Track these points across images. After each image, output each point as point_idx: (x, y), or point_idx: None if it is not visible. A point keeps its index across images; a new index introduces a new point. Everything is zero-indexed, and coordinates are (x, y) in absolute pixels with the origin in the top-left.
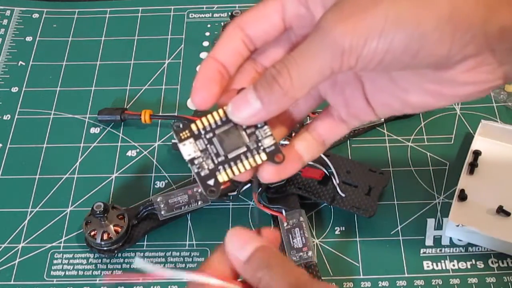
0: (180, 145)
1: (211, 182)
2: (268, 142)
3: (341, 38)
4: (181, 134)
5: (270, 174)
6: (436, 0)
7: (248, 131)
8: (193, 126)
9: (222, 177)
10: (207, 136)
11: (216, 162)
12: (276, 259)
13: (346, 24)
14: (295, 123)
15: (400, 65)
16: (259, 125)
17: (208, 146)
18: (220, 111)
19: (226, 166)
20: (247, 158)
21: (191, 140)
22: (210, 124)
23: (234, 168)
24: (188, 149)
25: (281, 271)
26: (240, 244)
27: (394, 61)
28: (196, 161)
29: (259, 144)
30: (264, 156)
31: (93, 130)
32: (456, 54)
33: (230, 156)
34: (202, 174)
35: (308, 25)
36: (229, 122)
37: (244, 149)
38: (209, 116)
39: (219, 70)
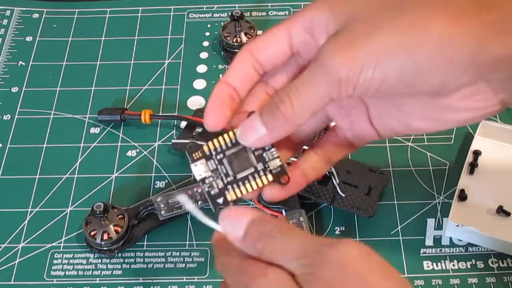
0: (192, 166)
1: (220, 200)
2: (274, 164)
3: (338, 69)
4: (194, 155)
5: (274, 193)
6: (426, 32)
7: (256, 153)
8: (205, 148)
9: (230, 196)
10: (218, 157)
11: (225, 181)
12: (274, 227)
13: (343, 55)
14: (303, 143)
15: (397, 92)
16: (266, 148)
17: (219, 166)
18: (231, 133)
19: (235, 186)
20: (254, 178)
21: (203, 160)
22: (221, 146)
23: (242, 188)
24: (200, 170)
25: (281, 238)
26: (233, 222)
27: (391, 89)
28: (207, 181)
29: (266, 166)
30: (270, 177)
31: (93, 130)
32: (450, 84)
33: (239, 176)
34: (212, 192)
35: (313, 51)
36: (238, 144)
37: (252, 170)
38: (220, 138)
39: (230, 94)
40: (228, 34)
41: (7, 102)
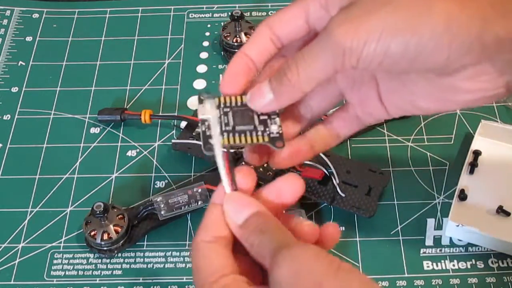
0: (200, 106)
1: (213, 142)
2: (274, 128)
3: (342, 39)
4: (202, 97)
5: (282, 159)
6: (432, 10)
7: (261, 117)
8: (216, 100)
9: (224, 142)
10: (225, 110)
11: (223, 129)
12: (270, 226)
13: (348, 27)
14: (316, 118)
15: (401, 68)
16: (272, 116)
17: (222, 116)
18: (243, 96)
19: (230, 134)
20: (251, 135)
21: (211, 104)
22: (231, 102)
23: (237, 138)
24: (204, 110)
25: (269, 237)
26: (237, 207)
27: (394, 64)
28: (206, 122)
29: (266, 129)
30: (266, 138)
31: (93, 130)
32: (454, 62)
33: (237, 129)
34: (207, 133)
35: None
36: (247, 106)
37: (251, 127)
38: (233, 97)
39: (247, 64)
40: (228, 34)
41: (7, 102)
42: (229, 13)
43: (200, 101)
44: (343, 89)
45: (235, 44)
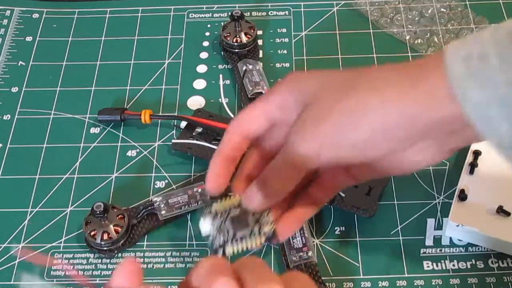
0: (201, 222)
1: (220, 253)
2: (267, 229)
3: (302, 151)
4: (205, 211)
5: (281, 239)
6: (368, 112)
7: (256, 216)
8: (213, 208)
9: (228, 251)
10: (222, 218)
11: (226, 239)
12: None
13: (305, 140)
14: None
15: (355, 161)
16: (264, 212)
17: (222, 224)
18: (234, 198)
19: (234, 243)
20: (250, 239)
21: (210, 219)
22: (225, 209)
23: (239, 245)
24: (206, 226)
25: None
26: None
27: (347, 160)
28: (210, 237)
29: (260, 230)
30: (263, 239)
31: (93, 130)
32: (397, 148)
33: (238, 236)
34: (214, 246)
35: (288, 120)
36: (241, 207)
37: (249, 231)
38: (226, 202)
39: (225, 163)
40: (228, 34)
41: (7, 102)
42: (229, 13)
43: (203, 216)
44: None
45: (235, 44)
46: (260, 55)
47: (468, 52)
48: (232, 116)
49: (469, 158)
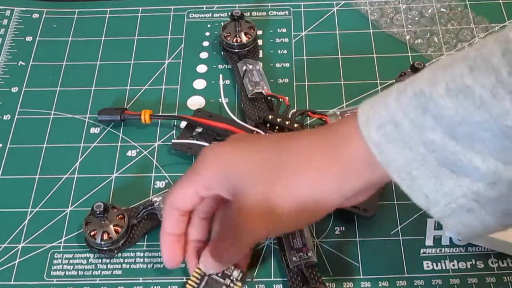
0: None
1: None
2: (236, 274)
3: (251, 232)
4: None
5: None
6: (300, 190)
7: (220, 273)
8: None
9: None
10: (202, 284)
11: None
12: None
13: (256, 228)
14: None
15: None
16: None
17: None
18: (197, 270)
19: None
20: None
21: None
22: (195, 282)
23: None
24: None
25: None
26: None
27: (292, 229)
28: None
29: (232, 279)
30: (239, 284)
31: (93, 130)
32: (329, 210)
33: None
34: None
35: (217, 194)
36: (205, 275)
37: (224, 286)
38: (192, 277)
39: (174, 240)
40: (228, 34)
41: (7, 102)
42: (229, 13)
43: None
44: None
45: (235, 44)
46: (260, 55)
47: (380, 121)
48: (232, 116)
49: None
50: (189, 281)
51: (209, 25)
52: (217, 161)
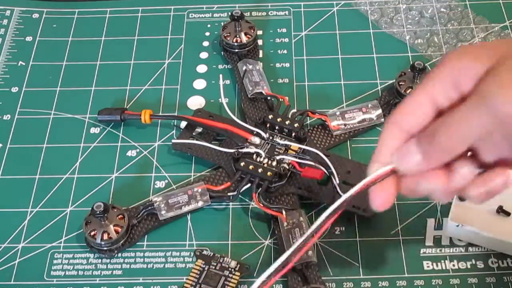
0: None
1: None
2: (233, 264)
3: (502, 105)
4: None
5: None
6: None
7: (216, 269)
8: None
9: None
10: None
11: None
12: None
13: (507, 92)
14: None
15: None
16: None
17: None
18: (196, 266)
19: None
20: (228, 282)
21: None
22: (195, 278)
23: None
24: None
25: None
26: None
27: None
28: None
29: (230, 269)
30: (238, 273)
31: (93, 130)
32: None
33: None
34: None
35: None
36: (203, 271)
37: (223, 278)
38: (190, 276)
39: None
40: (228, 34)
41: (7, 102)
42: (229, 13)
43: None
44: None
45: (235, 44)
46: (260, 55)
47: None
48: (232, 116)
49: None
50: (189, 275)
51: (209, 25)
52: (467, 47)
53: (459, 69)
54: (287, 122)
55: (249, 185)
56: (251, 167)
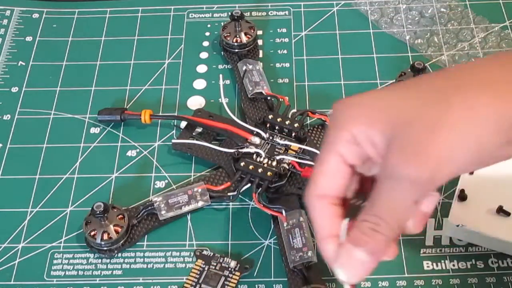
0: None
1: None
2: (233, 264)
3: (417, 176)
4: None
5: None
6: (481, 118)
7: (216, 269)
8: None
9: None
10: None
11: None
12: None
13: (417, 164)
14: None
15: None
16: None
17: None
18: (195, 267)
19: None
20: (230, 279)
21: None
22: (194, 278)
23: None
24: None
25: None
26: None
27: (467, 170)
28: None
29: (230, 269)
30: (237, 273)
31: (93, 130)
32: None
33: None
34: None
35: (365, 156)
36: (203, 271)
37: (223, 278)
38: (190, 276)
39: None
40: (228, 34)
41: (7, 102)
42: (229, 13)
43: None
44: None
45: (235, 44)
46: (260, 55)
47: None
48: (232, 116)
49: None
50: (189, 275)
51: (209, 25)
52: (360, 105)
53: (356, 134)
54: (287, 122)
55: (249, 185)
56: (251, 167)
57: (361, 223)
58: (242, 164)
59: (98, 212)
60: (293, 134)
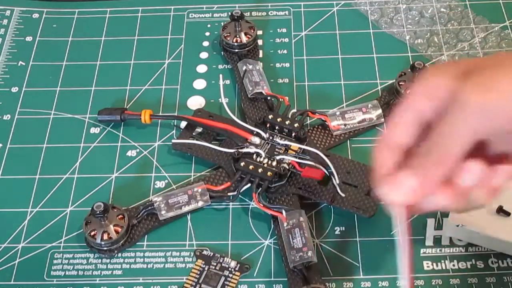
0: None
1: None
2: (233, 264)
3: (482, 106)
4: None
5: None
6: None
7: (218, 266)
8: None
9: None
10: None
11: None
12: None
13: (482, 93)
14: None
15: None
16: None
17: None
18: (196, 266)
19: None
20: (229, 280)
21: None
22: (195, 278)
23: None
24: None
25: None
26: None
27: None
28: None
29: (230, 269)
30: (237, 273)
31: (93, 130)
32: None
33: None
34: None
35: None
36: (203, 270)
37: (223, 278)
38: (190, 275)
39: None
40: (228, 34)
41: (7, 102)
42: (229, 13)
43: None
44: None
45: (235, 44)
46: (260, 55)
47: None
48: (232, 116)
49: None
50: (189, 275)
51: (209, 25)
52: (436, 69)
53: (434, 85)
54: (287, 122)
55: (249, 185)
56: (251, 167)
57: (418, 149)
58: (242, 164)
59: (98, 212)
60: (293, 134)
